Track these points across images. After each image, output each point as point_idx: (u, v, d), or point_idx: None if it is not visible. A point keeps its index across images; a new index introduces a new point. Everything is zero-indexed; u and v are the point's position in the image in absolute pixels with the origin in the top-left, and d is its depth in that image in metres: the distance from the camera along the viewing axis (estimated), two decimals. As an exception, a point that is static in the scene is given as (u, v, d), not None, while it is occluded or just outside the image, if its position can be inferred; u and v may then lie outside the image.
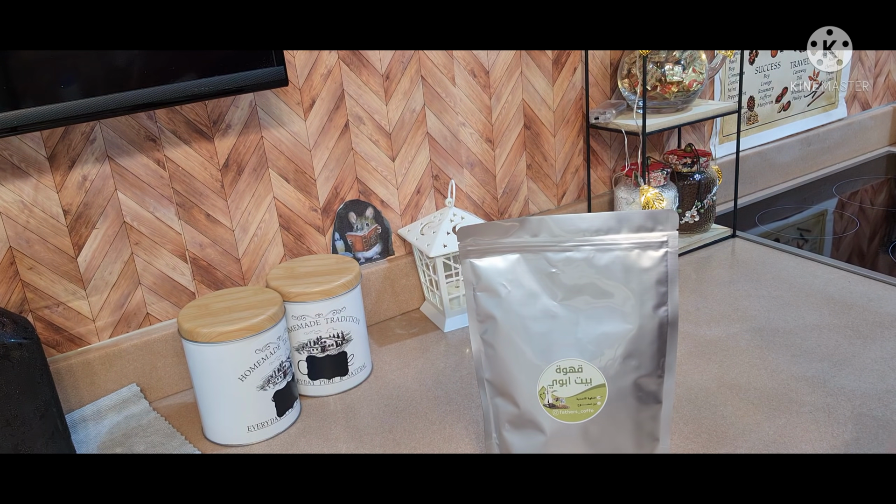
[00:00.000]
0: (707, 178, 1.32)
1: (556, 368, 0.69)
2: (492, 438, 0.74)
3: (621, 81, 1.28)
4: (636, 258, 0.67)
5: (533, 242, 0.69)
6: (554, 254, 0.68)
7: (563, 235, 0.68)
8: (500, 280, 0.69)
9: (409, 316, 1.17)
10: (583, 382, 0.69)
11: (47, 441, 0.78)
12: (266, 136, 1.01)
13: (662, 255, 0.67)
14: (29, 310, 0.91)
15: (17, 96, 0.76)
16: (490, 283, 0.70)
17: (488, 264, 0.69)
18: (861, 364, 0.93)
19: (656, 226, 0.67)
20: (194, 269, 1.00)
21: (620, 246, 0.67)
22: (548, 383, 0.69)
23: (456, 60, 1.13)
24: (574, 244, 0.68)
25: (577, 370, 0.69)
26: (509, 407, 0.72)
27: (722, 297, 1.13)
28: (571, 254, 0.68)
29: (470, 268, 0.70)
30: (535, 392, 0.69)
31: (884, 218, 1.42)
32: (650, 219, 0.67)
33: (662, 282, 0.68)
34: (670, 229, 0.67)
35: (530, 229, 0.68)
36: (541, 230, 0.68)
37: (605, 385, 0.69)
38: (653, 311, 0.68)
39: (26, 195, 0.87)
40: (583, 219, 0.68)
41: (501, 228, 0.69)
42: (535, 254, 0.69)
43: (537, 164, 1.27)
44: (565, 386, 0.69)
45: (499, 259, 0.69)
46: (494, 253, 0.69)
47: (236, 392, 0.86)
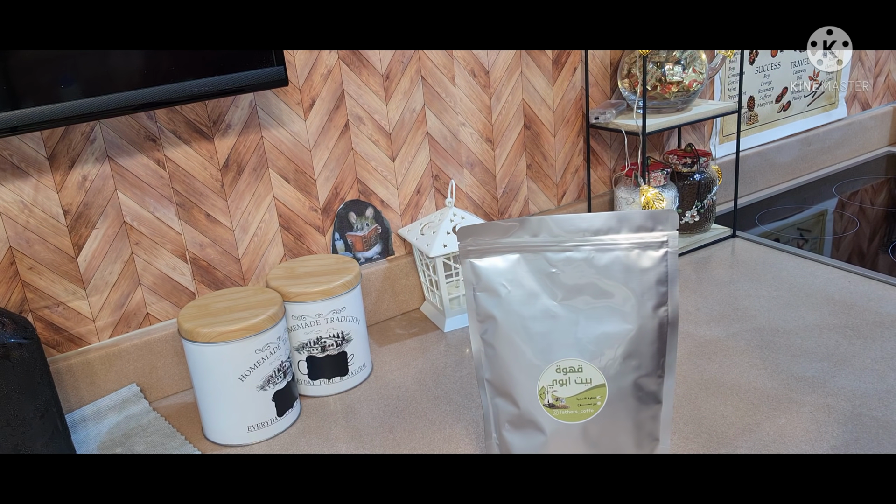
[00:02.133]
0: (707, 178, 1.32)
1: (557, 368, 0.69)
2: (492, 438, 0.74)
3: (621, 81, 1.28)
4: (636, 258, 0.67)
5: (533, 242, 0.69)
6: (554, 254, 0.68)
7: (564, 235, 0.68)
8: (500, 280, 0.69)
9: (409, 316, 1.17)
10: (583, 382, 0.69)
11: (47, 441, 0.78)
12: (266, 136, 1.01)
13: (662, 255, 0.67)
14: (29, 310, 0.91)
15: (17, 96, 0.76)
16: (490, 283, 0.70)
17: (488, 264, 0.70)
18: (861, 364, 0.93)
19: (656, 226, 0.67)
20: (194, 269, 1.00)
21: (620, 246, 0.68)
22: (548, 383, 0.69)
23: (456, 60, 1.13)
24: (574, 244, 0.68)
25: (577, 370, 0.69)
26: (509, 407, 0.72)
27: (722, 297, 1.13)
28: (571, 254, 0.68)
29: (470, 268, 0.70)
30: (535, 392, 0.69)
31: (884, 218, 1.42)
32: (650, 219, 0.67)
33: (662, 282, 0.68)
34: (670, 229, 0.67)
35: (530, 229, 0.68)
36: (541, 230, 0.68)
37: (605, 385, 0.69)
38: (653, 311, 0.68)
39: (26, 195, 0.87)
40: (583, 219, 0.68)
41: (501, 228, 0.69)
42: (535, 254, 0.69)
43: (537, 164, 1.27)
44: (565, 386, 0.69)
45: (499, 259, 0.69)
46: (494, 253, 0.69)
47: (236, 392, 0.86)
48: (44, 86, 0.77)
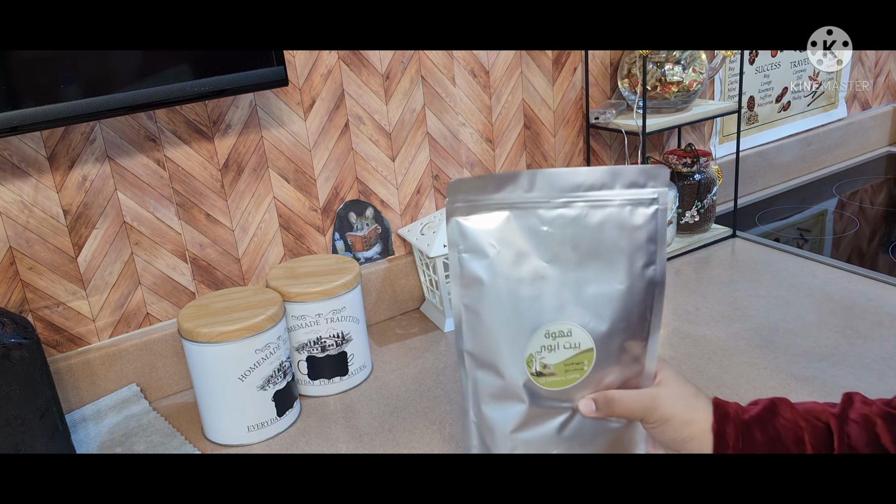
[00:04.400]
0: (707, 178, 1.32)
1: (545, 333, 0.65)
2: (469, 416, 0.69)
3: (621, 81, 1.28)
4: (629, 215, 0.65)
5: (525, 199, 0.65)
6: (546, 211, 0.65)
7: (557, 192, 0.66)
8: (489, 240, 0.65)
9: (409, 316, 1.17)
10: (571, 347, 0.66)
11: (47, 441, 0.78)
12: (266, 136, 1.01)
13: (653, 212, 0.65)
14: (29, 310, 0.91)
15: (17, 96, 0.76)
16: (477, 243, 0.65)
17: (476, 223, 0.65)
18: (861, 364, 0.93)
19: (648, 181, 0.65)
20: (194, 269, 1.00)
21: (613, 203, 0.65)
22: (535, 350, 0.65)
23: (456, 60, 1.13)
24: (567, 200, 0.66)
25: (567, 334, 0.65)
26: (492, 378, 0.67)
27: (722, 297, 1.13)
28: (564, 210, 0.65)
29: (456, 227, 0.65)
30: (523, 360, 0.67)
31: (884, 218, 1.42)
32: (643, 174, 0.65)
33: (652, 239, 0.65)
34: (661, 185, 0.65)
35: (523, 184, 0.65)
36: (534, 185, 0.65)
37: (593, 349, 0.66)
38: (642, 269, 0.65)
39: (26, 195, 0.87)
40: (577, 173, 0.64)
41: (494, 182, 0.65)
42: (526, 211, 0.65)
43: (537, 164, 1.27)
44: (553, 352, 0.65)
45: (488, 217, 0.65)
46: (483, 210, 0.65)
47: (236, 392, 0.86)
48: (44, 86, 0.77)
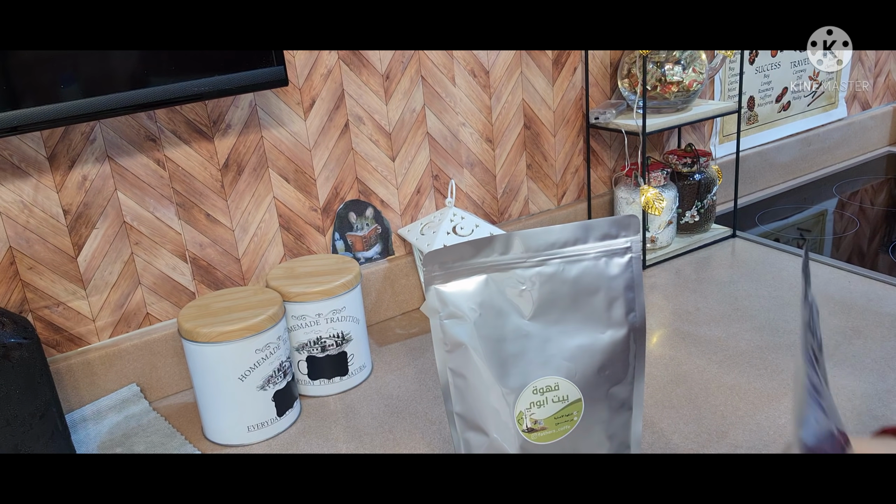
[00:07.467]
0: (707, 178, 1.32)
1: (533, 389, 0.67)
2: None
3: (621, 81, 1.28)
4: (604, 266, 0.68)
5: (502, 261, 0.67)
6: (523, 270, 0.67)
7: (532, 251, 0.67)
8: (469, 304, 0.67)
9: (409, 316, 1.17)
10: (560, 400, 0.67)
11: (47, 441, 0.78)
12: (266, 136, 1.01)
13: (628, 260, 0.68)
14: (29, 310, 0.91)
15: (17, 96, 0.76)
16: (458, 308, 0.67)
17: (455, 288, 0.67)
18: (861, 364, 0.93)
19: (620, 231, 0.68)
20: (194, 269, 1.00)
21: (588, 256, 0.68)
22: (525, 407, 0.67)
23: (456, 60, 1.13)
24: (543, 258, 0.67)
25: (554, 388, 0.67)
26: (481, 438, 0.69)
27: (722, 297, 1.13)
28: (541, 269, 0.67)
29: (435, 295, 0.67)
30: (513, 418, 0.67)
31: (884, 218, 1.42)
32: (614, 225, 0.68)
33: (630, 287, 0.68)
34: (633, 234, 0.68)
35: (498, 247, 0.67)
36: (510, 247, 0.67)
37: (581, 400, 0.68)
38: (623, 317, 0.68)
39: (26, 195, 0.87)
40: (550, 232, 0.67)
41: (469, 249, 0.66)
42: (504, 272, 0.67)
43: (537, 164, 1.27)
44: (543, 407, 0.67)
45: (466, 282, 0.67)
46: (461, 276, 0.67)
47: (236, 392, 0.86)
48: (44, 86, 0.77)
